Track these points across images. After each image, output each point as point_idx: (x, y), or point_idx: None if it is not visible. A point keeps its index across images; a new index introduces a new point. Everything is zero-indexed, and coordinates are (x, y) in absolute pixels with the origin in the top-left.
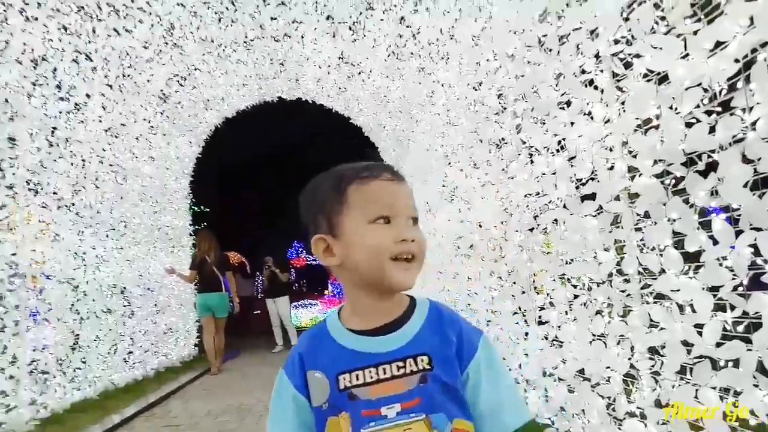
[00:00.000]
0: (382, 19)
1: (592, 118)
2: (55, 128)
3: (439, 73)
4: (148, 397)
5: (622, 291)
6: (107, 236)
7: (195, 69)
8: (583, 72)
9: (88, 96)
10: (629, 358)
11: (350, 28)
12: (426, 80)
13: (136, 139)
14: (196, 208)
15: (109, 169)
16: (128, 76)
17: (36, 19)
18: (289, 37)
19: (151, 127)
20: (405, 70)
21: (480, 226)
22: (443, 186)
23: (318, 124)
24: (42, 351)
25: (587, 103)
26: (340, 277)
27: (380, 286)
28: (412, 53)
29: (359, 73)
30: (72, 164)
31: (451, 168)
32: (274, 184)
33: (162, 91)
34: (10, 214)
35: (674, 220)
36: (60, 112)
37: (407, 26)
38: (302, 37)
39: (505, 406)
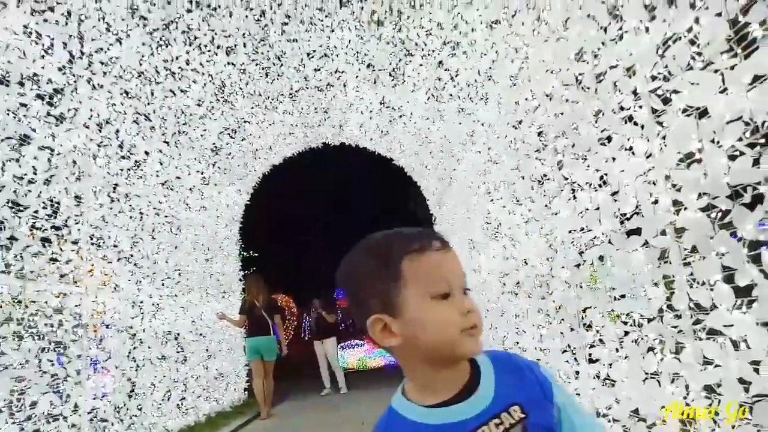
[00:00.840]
0: (421, 64)
1: (633, 153)
2: (116, 185)
3: (479, 113)
4: None
5: (674, 327)
6: (163, 285)
7: (244, 122)
8: (622, 108)
9: (146, 153)
10: (684, 398)
11: (390, 75)
12: (466, 120)
13: (190, 190)
14: (245, 254)
15: (164, 220)
16: (183, 132)
17: (101, 86)
18: (332, 86)
19: (204, 178)
20: (445, 111)
21: (525, 262)
22: (486, 223)
23: (361, 167)
24: (101, 399)
25: (628, 139)
26: (400, 356)
27: (451, 359)
28: (451, 95)
29: (400, 116)
30: (131, 218)
31: (493, 204)
32: (323, 228)
33: (214, 144)
34: (75, 268)
35: (722, 254)
36: (121, 170)
37: (445, 69)
38: (344, 85)
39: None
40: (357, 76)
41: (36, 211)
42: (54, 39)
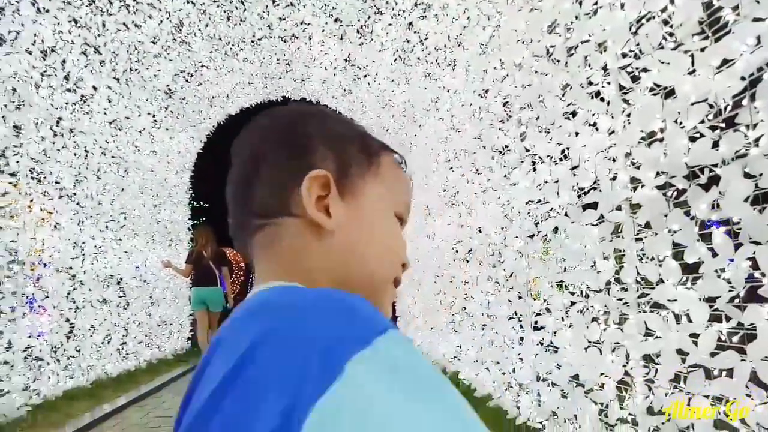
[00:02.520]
0: (390, 24)
1: (597, 129)
2: (60, 119)
3: (445, 79)
4: (140, 388)
5: (620, 299)
6: (107, 227)
7: (202, 66)
8: (591, 84)
9: (94, 88)
10: (624, 366)
11: (358, 32)
12: (432, 86)
13: (140, 132)
14: (195, 203)
15: (111, 161)
16: (135, 70)
17: (47, 10)
18: (297, 38)
19: (155, 121)
20: (411, 74)
21: (480, 231)
22: (444, 190)
23: None
24: (37, 338)
25: (593, 114)
26: (314, 252)
27: (367, 292)
28: (419, 58)
29: (365, 76)
30: (75, 155)
31: (452, 173)
32: None
33: (168, 86)
34: (12, 202)
35: (675, 232)
36: (66, 103)
37: (415, 32)
38: (309, 38)
39: None
40: (323, 30)
41: None
42: None
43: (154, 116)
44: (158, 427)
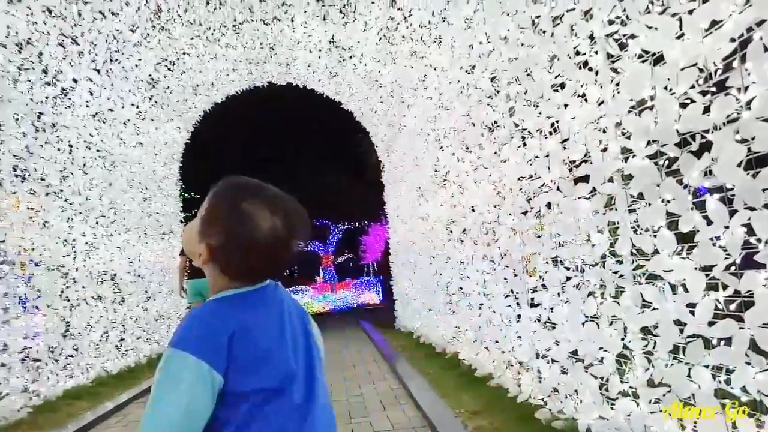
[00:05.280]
0: (373, 2)
1: (586, 99)
2: (41, 113)
3: (431, 56)
4: (141, 384)
5: (615, 272)
6: (97, 223)
7: (184, 53)
8: (578, 53)
9: (75, 81)
10: (622, 339)
11: (341, 11)
12: (418, 64)
13: (124, 124)
14: (186, 195)
15: (97, 155)
16: (116, 60)
17: (19, 0)
18: (279, 20)
19: (139, 112)
20: (397, 54)
21: (473, 210)
22: (435, 171)
23: (309, 107)
24: (33, 338)
25: (581, 85)
26: None
27: None
28: (404, 37)
29: (350, 57)
30: (59, 150)
31: (443, 152)
32: (270, 169)
33: (150, 75)
34: None
35: (668, 201)
36: (46, 97)
37: (398, 9)
38: (292, 20)
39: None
40: (305, 11)
41: None
42: None
43: (138, 107)
44: None
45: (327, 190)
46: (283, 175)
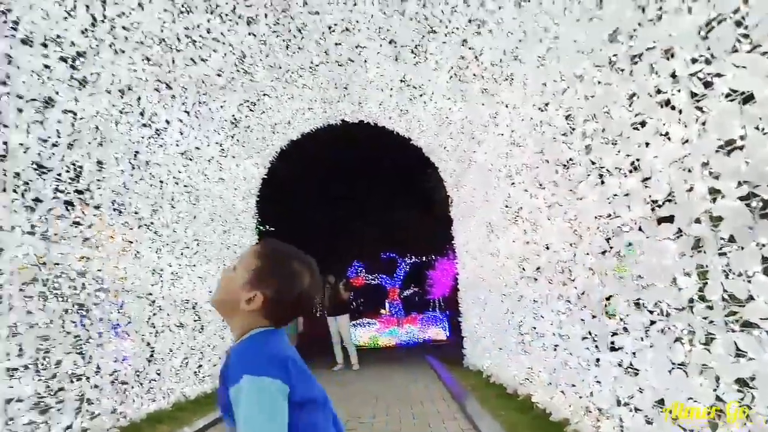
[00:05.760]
0: (444, 42)
1: (669, 138)
2: (137, 152)
3: (503, 94)
4: (216, 411)
5: (705, 318)
6: (182, 254)
7: (264, 94)
8: (659, 92)
9: (167, 122)
10: (714, 390)
11: (412, 52)
12: (489, 101)
13: (208, 161)
14: (261, 227)
15: (183, 190)
16: (203, 102)
17: (123, 51)
18: (353, 61)
19: (222, 150)
20: (467, 91)
21: (547, 248)
22: (506, 206)
23: (379, 146)
24: (122, 362)
25: (663, 124)
26: None
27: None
28: (474, 75)
29: (421, 95)
30: (151, 186)
31: (514, 188)
32: (342, 205)
33: (233, 115)
34: (97, 233)
35: (763, 245)
36: (142, 137)
37: (470, 48)
38: (365, 61)
39: None
40: (378, 53)
41: (59, 174)
42: (77, 1)
43: (221, 145)
44: None
45: (397, 226)
46: (356, 211)
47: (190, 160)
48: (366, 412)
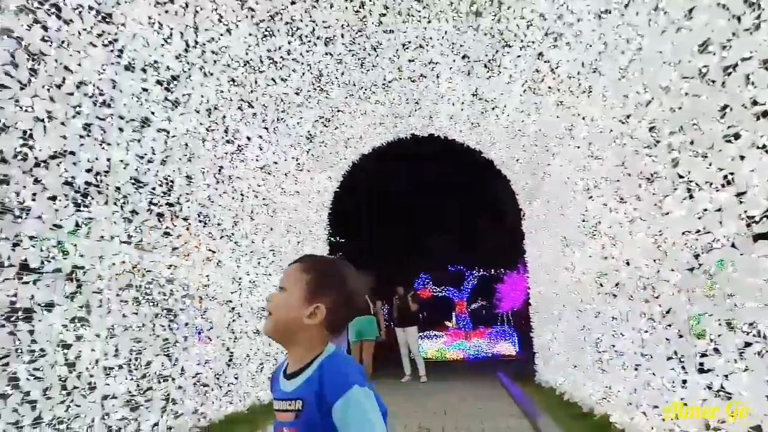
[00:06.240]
0: (519, 56)
1: (766, 151)
2: (221, 167)
3: (580, 106)
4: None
5: None
6: (259, 263)
7: (338, 111)
8: (755, 103)
9: (248, 138)
10: None
11: (485, 66)
12: (565, 113)
13: (285, 175)
14: (332, 239)
15: (262, 202)
16: (281, 119)
17: (211, 74)
18: (425, 77)
19: (298, 164)
20: (542, 104)
21: (628, 263)
22: (583, 220)
23: (448, 160)
24: (204, 365)
25: (761, 136)
26: None
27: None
28: (550, 87)
29: (493, 108)
30: (233, 199)
31: (593, 202)
32: (406, 218)
33: (309, 131)
34: (185, 243)
35: None
36: (225, 153)
37: (545, 61)
38: (437, 76)
39: None
40: (451, 68)
41: (153, 188)
42: (173, 29)
43: (297, 160)
44: None
45: (466, 239)
46: (425, 224)
47: (269, 174)
48: (435, 425)
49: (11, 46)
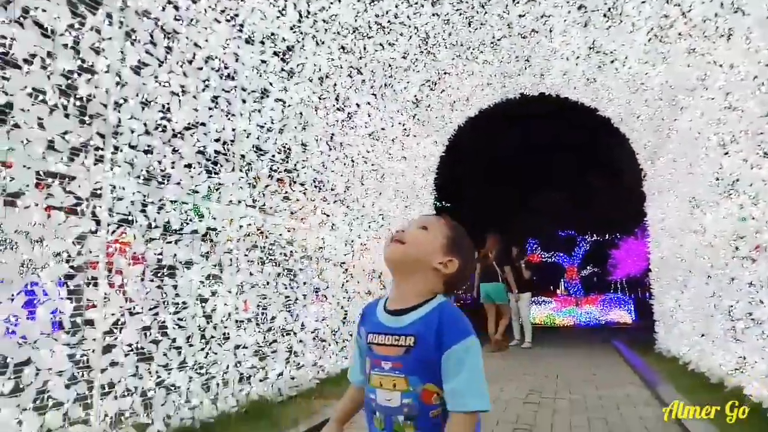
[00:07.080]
0: (643, 2)
1: None
2: (333, 134)
3: (716, 52)
4: None
5: None
6: (369, 227)
7: (445, 73)
8: None
9: (357, 105)
10: None
11: (605, 15)
12: (697, 62)
13: (392, 141)
14: (438, 203)
15: (371, 168)
16: (389, 85)
17: (323, 43)
18: (537, 32)
19: (405, 129)
20: (669, 53)
21: None
22: (717, 179)
23: (558, 120)
24: (321, 321)
25: None
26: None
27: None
28: (680, 34)
29: (612, 61)
30: (344, 165)
31: (729, 158)
32: (515, 180)
33: (415, 96)
34: (302, 207)
35: None
36: (337, 121)
37: (676, 5)
38: (550, 30)
39: (467, 393)
40: (565, 20)
41: (273, 156)
42: (287, 0)
43: (403, 125)
44: None
45: (578, 202)
46: (534, 186)
47: (377, 140)
48: (548, 388)
49: (150, 26)
